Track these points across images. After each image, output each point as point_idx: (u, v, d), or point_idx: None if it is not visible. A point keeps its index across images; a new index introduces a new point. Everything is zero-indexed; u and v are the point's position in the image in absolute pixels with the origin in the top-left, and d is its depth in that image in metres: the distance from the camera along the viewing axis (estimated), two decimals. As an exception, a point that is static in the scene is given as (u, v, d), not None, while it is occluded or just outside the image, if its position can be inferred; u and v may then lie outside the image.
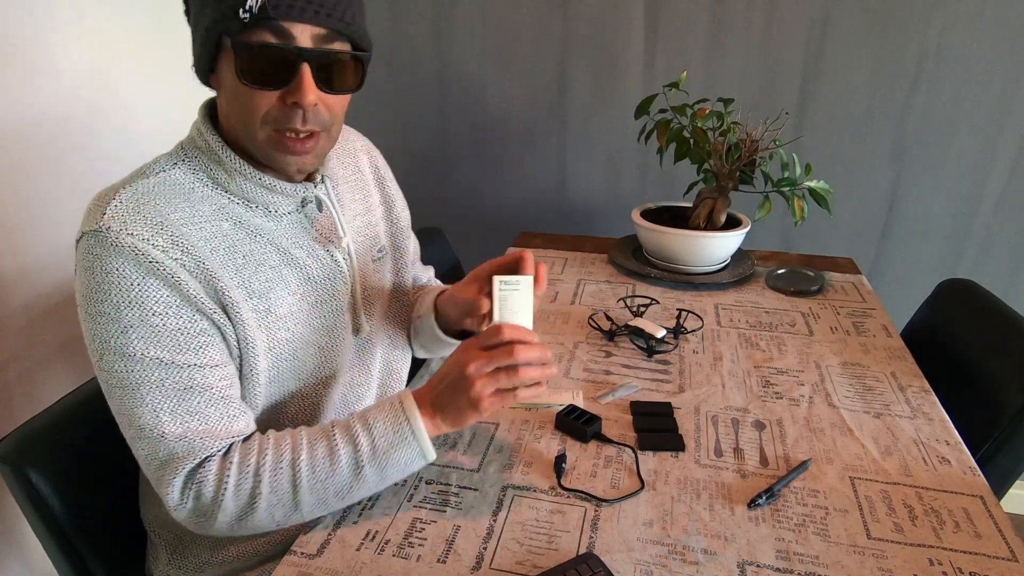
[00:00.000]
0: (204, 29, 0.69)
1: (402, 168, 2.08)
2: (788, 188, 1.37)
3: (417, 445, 0.74)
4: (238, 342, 0.75)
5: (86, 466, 0.88)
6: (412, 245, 1.08)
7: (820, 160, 1.70)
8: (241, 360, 0.77)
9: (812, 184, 1.36)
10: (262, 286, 0.77)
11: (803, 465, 0.85)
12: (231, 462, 0.71)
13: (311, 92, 0.68)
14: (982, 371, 1.14)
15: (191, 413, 0.70)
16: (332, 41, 0.70)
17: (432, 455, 0.75)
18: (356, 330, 0.90)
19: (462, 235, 2.00)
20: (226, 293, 0.73)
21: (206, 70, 0.73)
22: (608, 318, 1.26)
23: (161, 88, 1.47)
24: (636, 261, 1.51)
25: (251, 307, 0.76)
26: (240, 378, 0.78)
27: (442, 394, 0.74)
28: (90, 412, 0.91)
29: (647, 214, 1.52)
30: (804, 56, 1.63)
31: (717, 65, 1.68)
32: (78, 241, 0.70)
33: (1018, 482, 1.86)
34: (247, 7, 0.64)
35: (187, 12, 0.74)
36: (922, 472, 0.85)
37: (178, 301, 0.69)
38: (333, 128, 0.76)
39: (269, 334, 0.78)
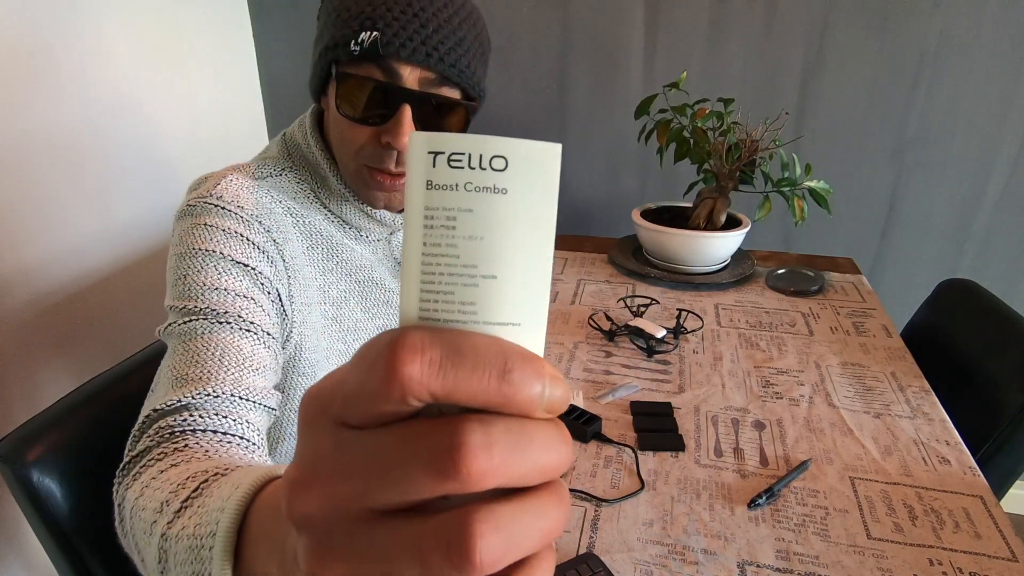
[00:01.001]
0: (319, 52, 0.69)
1: (402, 168, 2.08)
2: (788, 188, 1.37)
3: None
4: (296, 339, 0.73)
5: (86, 466, 0.88)
6: None
7: (820, 160, 1.70)
8: (293, 362, 0.75)
9: (812, 184, 1.36)
10: (339, 295, 0.78)
11: (803, 465, 0.85)
12: (165, 447, 0.56)
13: (406, 135, 0.65)
14: (982, 371, 1.14)
15: (200, 358, 0.61)
16: (440, 86, 0.67)
17: None
18: None
19: (462, 235, 2.00)
20: (305, 291, 0.73)
21: (317, 90, 0.72)
22: (608, 318, 1.26)
23: (166, 88, 1.47)
24: (636, 261, 1.51)
25: (322, 312, 0.76)
26: (289, 382, 0.76)
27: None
28: (90, 412, 0.91)
29: (647, 214, 1.52)
30: (804, 56, 1.63)
31: (717, 65, 1.68)
32: (180, 211, 0.69)
33: (1018, 482, 1.86)
34: (359, 40, 0.63)
35: (319, 23, 0.72)
36: (922, 472, 0.85)
37: (258, 273, 0.67)
38: None
39: (329, 344, 0.78)
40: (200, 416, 0.56)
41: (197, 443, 0.55)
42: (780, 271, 1.46)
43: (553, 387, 0.21)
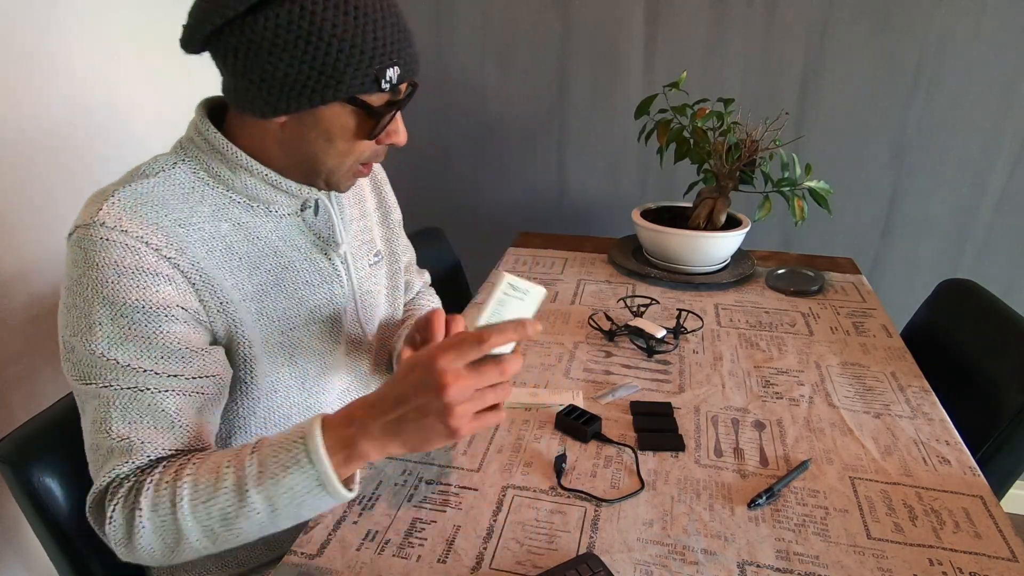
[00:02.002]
0: (320, 86, 0.67)
1: (402, 168, 2.08)
2: (788, 188, 1.37)
3: (314, 471, 0.60)
4: (236, 343, 0.75)
5: (86, 466, 0.88)
6: (408, 252, 1.09)
7: (820, 160, 1.70)
8: (240, 361, 0.77)
9: (812, 184, 1.36)
10: (256, 289, 0.77)
11: (803, 465, 0.85)
12: (146, 485, 0.65)
13: (405, 132, 0.76)
14: (982, 371, 1.14)
15: (140, 416, 0.67)
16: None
17: (337, 488, 0.61)
18: (356, 337, 0.90)
19: (462, 235, 2.00)
20: (220, 293, 0.73)
21: (283, 113, 0.70)
22: (608, 318, 1.26)
23: (163, 88, 1.47)
24: (636, 261, 1.51)
25: (245, 309, 0.76)
26: (240, 383, 0.78)
27: (405, 417, 0.60)
28: (90, 412, 0.91)
29: (647, 214, 1.52)
30: (804, 56, 1.63)
31: (717, 65, 1.68)
32: (70, 235, 0.69)
33: (1018, 482, 1.86)
34: (387, 79, 0.69)
35: (214, 35, 0.68)
36: (922, 472, 0.85)
37: (159, 300, 0.68)
38: None
39: (265, 337, 0.78)
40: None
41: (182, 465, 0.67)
42: (780, 271, 1.46)
43: (500, 340, 0.59)
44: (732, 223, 1.47)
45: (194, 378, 0.70)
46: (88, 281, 0.66)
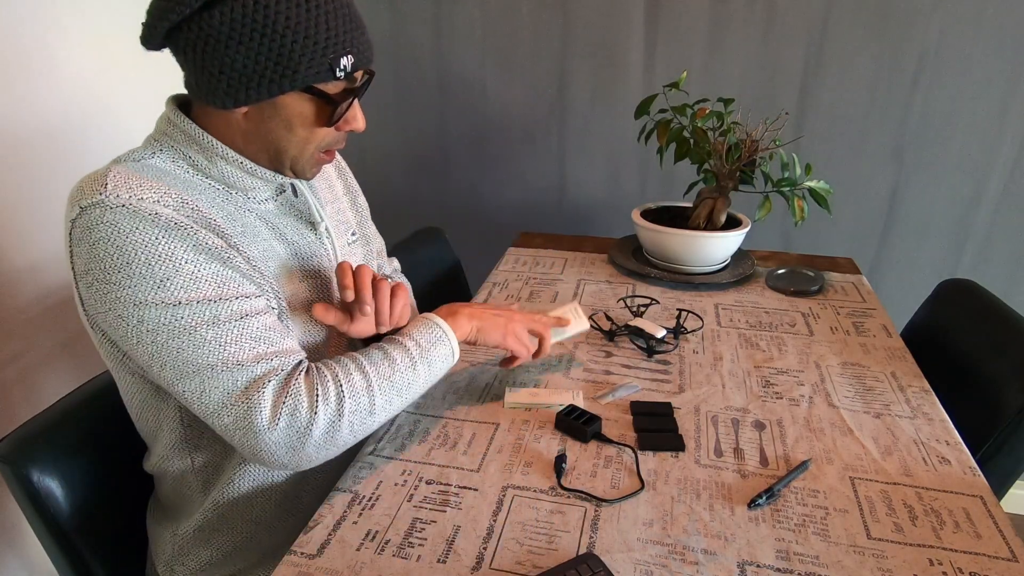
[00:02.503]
0: (276, 76, 0.70)
1: (402, 168, 2.08)
2: (788, 188, 1.37)
3: (449, 343, 0.85)
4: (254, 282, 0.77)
5: (86, 466, 0.88)
6: (378, 239, 1.13)
7: (820, 160, 1.70)
8: None
9: (812, 184, 1.36)
10: (259, 254, 0.79)
11: (803, 465, 0.85)
12: (313, 374, 0.74)
13: (363, 119, 0.80)
14: (982, 371, 1.14)
15: (255, 338, 0.72)
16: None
17: (458, 351, 0.87)
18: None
19: (462, 235, 2.00)
20: (239, 248, 0.75)
21: (243, 103, 0.72)
22: (608, 318, 1.26)
23: (163, 88, 1.48)
24: (636, 261, 1.51)
25: (250, 269, 0.77)
26: None
27: (486, 314, 0.91)
28: (90, 412, 0.91)
29: (647, 214, 1.52)
30: (804, 56, 1.63)
31: (717, 65, 1.68)
32: (75, 219, 0.67)
33: (1018, 482, 1.86)
34: (342, 67, 0.72)
35: (167, 35, 0.71)
36: (922, 472, 0.85)
37: (202, 253, 0.70)
38: None
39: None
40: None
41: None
42: (780, 271, 1.46)
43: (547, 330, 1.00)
44: (732, 223, 1.47)
45: (262, 296, 0.76)
46: (131, 246, 0.66)
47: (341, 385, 0.74)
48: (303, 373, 0.74)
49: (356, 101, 0.77)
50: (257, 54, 0.69)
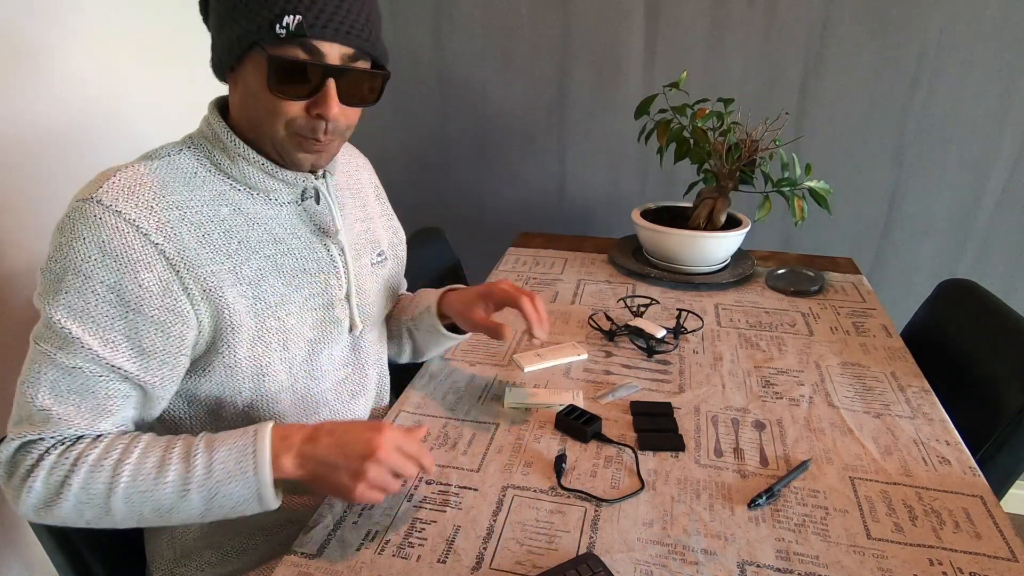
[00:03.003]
0: (235, 36, 0.70)
1: (402, 168, 2.08)
2: (788, 188, 1.37)
3: (256, 485, 0.68)
4: (215, 329, 0.76)
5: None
6: (403, 263, 1.11)
7: (820, 160, 1.70)
8: (217, 348, 0.77)
9: (812, 184, 1.36)
10: (254, 274, 0.78)
11: (803, 465, 0.85)
12: (57, 447, 0.69)
13: (335, 106, 0.72)
14: (982, 371, 1.14)
15: (68, 392, 0.69)
16: (357, 60, 0.73)
17: (272, 503, 0.70)
18: (350, 327, 0.91)
19: (462, 235, 2.00)
20: (209, 279, 0.74)
21: (226, 70, 0.75)
22: (608, 318, 1.26)
23: (163, 87, 1.47)
24: (636, 261, 1.51)
25: (240, 293, 0.76)
26: (219, 366, 0.78)
27: (332, 450, 0.69)
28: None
29: (647, 214, 1.52)
30: (804, 56, 1.63)
31: (717, 65, 1.68)
32: (68, 206, 0.71)
33: (1018, 482, 1.86)
34: (283, 24, 0.67)
35: (204, 10, 0.77)
36: (922, 472, 0.85)
37: (117, 304, 0.69)
38: (347, 132, 0.80)
39: (258, 322, 0.79)
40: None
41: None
42: (780, 271, 1.46)
43: (430, 462, 0.75)
44: (732, 223, 1.47)
45: (136, 374, 0.71)
46: (70, 251, 0.68)
47: (75, 474, 0.67)
48: (60, 448, 0.69)
49: (330, 82, 0.71)
50: (223, 8, 0.71)
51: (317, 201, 0.85)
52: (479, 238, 2.02)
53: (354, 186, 0.98)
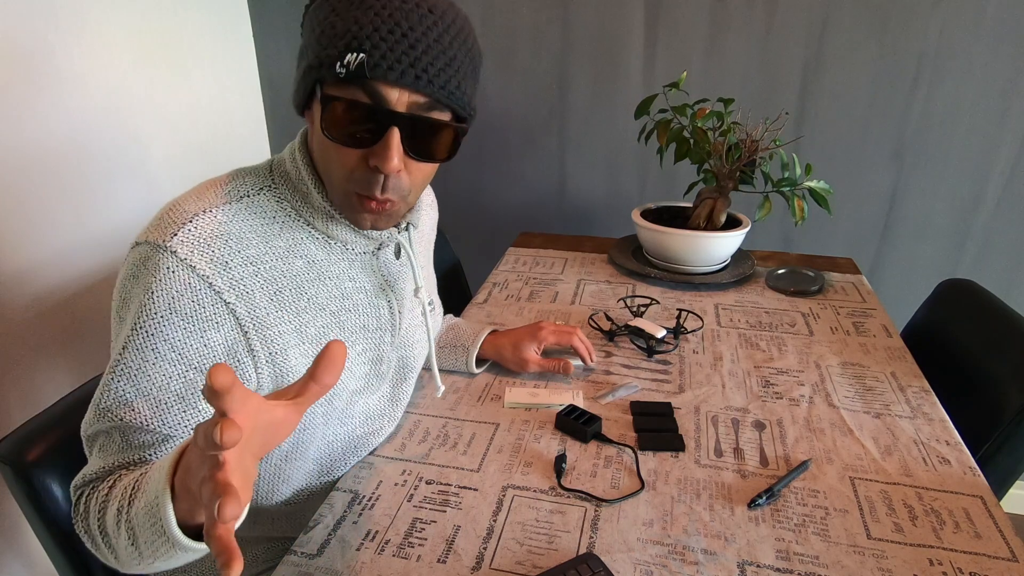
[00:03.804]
0: (302, 71, 0.66)
1: (402, 168, 2.08)
2: (788, 188, 1.37)
3: (170, 541, 0.54)
4: (272, 388, 0.73)
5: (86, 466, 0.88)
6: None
7: (820, 160, 1.70)
8: None
9: (812, 184, 1.36)
10: (317, 332, 0.75)
11: (803, 465, 0.85)
12: (91, 498, 0.66)
13: (395, 158, 0.64)
14: (982, 371, 1.14)
15: (120, 445, 0.66)
16: (430, 109, 0.65)
17: (197, 550, 0.55)
18: (390, 379, 0.89)
19: (462, 235, 2.00)
20: (276, 341, 0.71)
21: (301, 105, 0.70)
22: (608, 318, 1.26)
23: (166, 89, 1.47)
24: (636, 261, 1.51)
25: (301, 352, 0.73)
26: None
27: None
28: (90, 412, 0.90)
29: (647, 214, 1.52)
30: (804, 56, 1.63)
31: (717, 65, 1.68)
32: (138, 244, 0.67)
33: (1018, 482, 1.86)
34: (344, 62, 0.61)
35: (302, 35, 0.71)
36: (922, 472, 0.85)
37: (199, 347, 0.66)
38: (411, 196, 0.71)
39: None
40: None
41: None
42: (780, 271, 1.46)
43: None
44: (732, 223, 1.47)
45: (183, 433, 0.67)
46: (139, 302, 0.65)
47: (92, 528, 0.64)
48: (98, 486, 0.66)
49: (392, 131, 0.63)
50: (302, 45, 0.67)
51: (397, 256, 0.81)
52: (479, 238, 2.02)
53: (421, 230, 0.94)
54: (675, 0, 1.64)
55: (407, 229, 0.80)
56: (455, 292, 1.62)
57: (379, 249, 0.80)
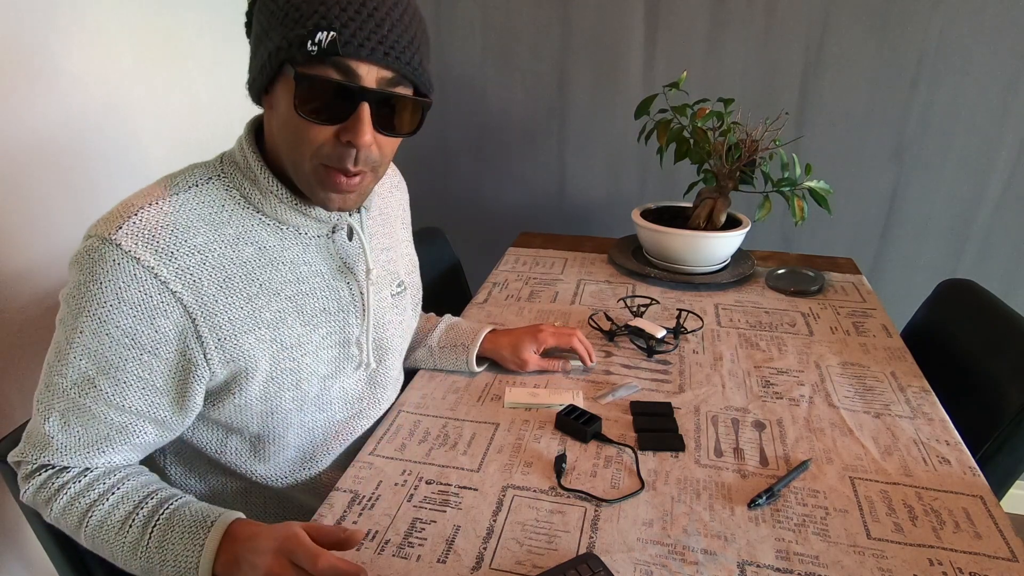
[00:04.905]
0: (267, 52, 0.66)
1: (402, 168, 2.08)
2: (788, 188, 1.37)
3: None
4: (229, 374, 0.75)
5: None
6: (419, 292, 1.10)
7: (820, 160, 1.70)
8: (229, 388, 0.76)
9: (812, 184, 1.36)
10: (273, 316, 0.76)
11: (803, 465, 0.85)
12: (47, 469, 0.73)
13: (368, 132, 0.66)
14: (982, 371, 1.14)
15: (75, 424, 0.71)
16: (396, 84, 0.68)
17: None
18: (366, 364, 0.89)
19: (462, 235, 2.00)
20: (225, 327, 0.72)
21: (260, 90, 0.71)
22: (608, 318, 1.26)
23: (163, 91, 1.47)
24: (636, 261, 1.51)
25: (257, 337, 0.75)
26: (229, 404, 0.77)
27: (244, 559, 0.64)
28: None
29: (647, 214, 1.52)
30: (804, 56, 1.63)
31: (717, 65, 1.68)
32: (87, 237, 0.68)
33: (1018, 482, 1.86)
34: (315, 40, 0.62)
35: (248, 25, 0.72)
36: (922, 472, 0.85)
37: (148, 334, 0.68)
38: (380, 168, 0.73)
39: (273, 364, 0.77)
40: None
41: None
42: (780, 271, 1.46)
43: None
44: (732, 223, 1.47)
45: (143, 417, 0.72)
46: (87, 292, 0.66)
47: (56, 500, 0.72)
48: (50, 472, 0.73)
49: (363, 106, 0.65)
50: (259, 29, 0.67)
51: (350, 237, 0.82)
52: (479, 238, 2.02)
53: (384, 211, 0.95)
54: (675, 0, 1.64)
55: (359, 211, 0.82)
56: (455, 292, 1.62)
57: (333, 232, 0.81)
